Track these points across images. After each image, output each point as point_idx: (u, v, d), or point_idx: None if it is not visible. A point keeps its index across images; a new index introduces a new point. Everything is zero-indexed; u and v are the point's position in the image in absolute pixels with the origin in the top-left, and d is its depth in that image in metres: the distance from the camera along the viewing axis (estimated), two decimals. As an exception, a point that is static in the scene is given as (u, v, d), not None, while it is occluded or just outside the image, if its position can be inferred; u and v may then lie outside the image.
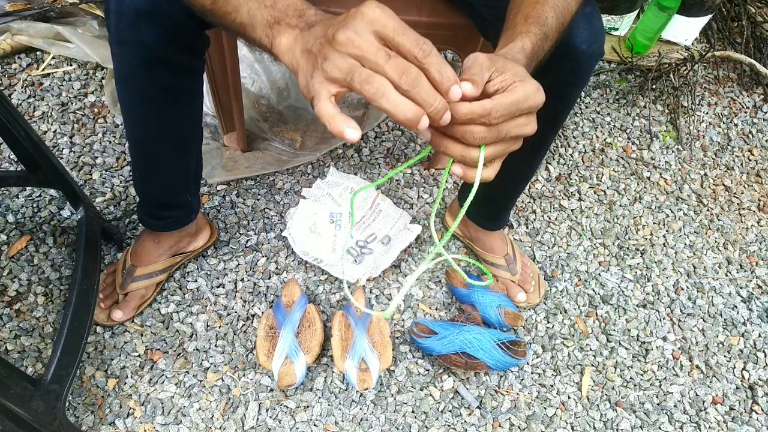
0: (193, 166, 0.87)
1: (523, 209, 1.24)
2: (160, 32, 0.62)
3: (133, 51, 0.64)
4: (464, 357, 0.93)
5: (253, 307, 1.01)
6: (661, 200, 1.31)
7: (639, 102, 1.50)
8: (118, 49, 0.65)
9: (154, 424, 0.88)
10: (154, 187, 0.87)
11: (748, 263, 1.24)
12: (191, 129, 0.82)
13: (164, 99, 0.71)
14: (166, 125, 0.76)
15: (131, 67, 0.66)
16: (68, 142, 1.16)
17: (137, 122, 0.75)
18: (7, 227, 1.03)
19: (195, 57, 0.70)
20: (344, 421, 0.92)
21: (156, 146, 0.79)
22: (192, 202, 0.93)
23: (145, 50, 0.64)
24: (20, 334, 0.93)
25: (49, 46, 1.24)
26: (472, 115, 0.43)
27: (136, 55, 0.65)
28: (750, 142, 1.47)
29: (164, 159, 0.81)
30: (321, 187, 1.17)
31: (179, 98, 0.73)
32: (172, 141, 0.79)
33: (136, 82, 0.68)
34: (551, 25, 0.56)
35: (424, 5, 0.85)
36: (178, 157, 0.83)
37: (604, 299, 1.13)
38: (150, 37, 0.62)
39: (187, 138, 0.82)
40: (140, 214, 0.92)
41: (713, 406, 1.03)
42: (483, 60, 0.46)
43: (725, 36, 1.66)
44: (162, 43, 0.63)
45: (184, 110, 0.76)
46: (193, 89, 0.75)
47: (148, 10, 0.60)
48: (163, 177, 0.85)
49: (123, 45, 0.64)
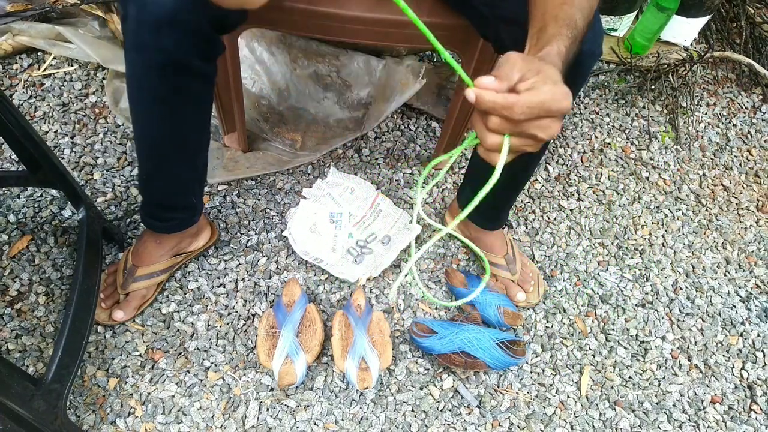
0: (200, 169, 0.88)
1: (523, 209, 1.24)
2: (180, 39, 0.63)
3: (152, 56, 0.65)
4: (464, 356, 0.93)
5: (254, 307, 1.02)
6: (659, 200, 1.32)
7: (638, 102, 1.50)
8: (135, 54, 0.66)
9: (155, 423, 0.89)
10: (159, 188, 0.88)
11: (746, 263, 1.24)
12: (201, 133, 0.83)
13: (176, 100, 0.72)
14: (177, 127, 0.77)
15: (146, 69, 0.67)
16: (69, 142, 1.17)
17: (149, 123, 0.76)
18: (8, 227, 1.04)
19: (210, 62, 0.71)
20: (344, 420, 0.92)
21: (165, 148, 0.80)
22: (196, 204, 0.94)
23: (163, 56, 0.65)
24: (21, 334, 0.93)
25: (50, 47, 1.24)
26: (494, 105, 0.46)
27: (154, 60, 0.66)
28: (749, 143, 1.48)
29: (172, 161, 0.82)
30: (321, 187, 1.18)
31: (191, 101, 0.74)
32: (182, 143, 0.80)
33: (150, 83, 0.69)
34: (580, 28, 0.56)
35: (422, 5, 0.86)
36: (186, 160, 0.84)
37: (603, 299, 1.13)
38: (169, 44, 0.63)
39: (196, 141, 0.83)
40: (143, 215, 0.92)
41: (712, 406, 1.03)
42: (516, 59, 0.47)
43: (724, 36, 1.66)
44: (181, 49, 0.65)
45: (195, 113, 0.78)
46: (206, 93, 0.77)
47: (170, 18, 0.61)
48: (169, 179, 0.85)
49: (141, 50, 0.65)
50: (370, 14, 0.84)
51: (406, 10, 0.45)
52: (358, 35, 0.89)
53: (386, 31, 0.86)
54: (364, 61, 1.28)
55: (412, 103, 1.33)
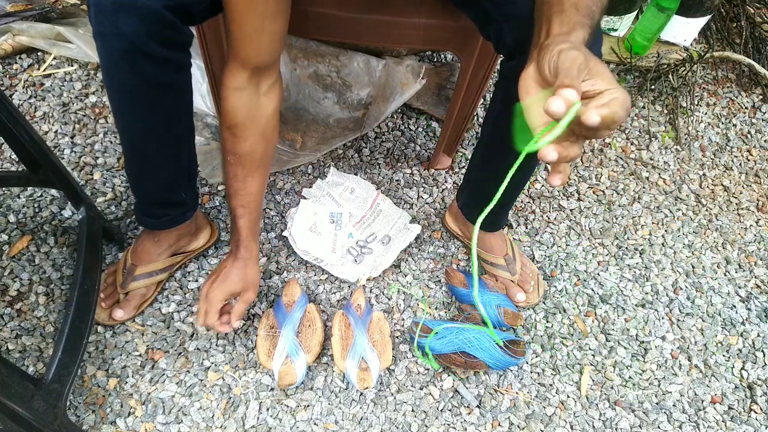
0: (185, 163, 0.86)
1: (523, 209, 1.24)
2: (139, 24, 0.63)
3: (113, 43, 0.64)
4: (464, 356, 0.93)
5: (254, 307, 1.02)
6: (659, 200, 1.32)
7: (638, 102, 1.50)
8: (99, 41, 0.66)
9: (155, 423, 0.89)
10: (146, 184, 0.87)
11: (746, 263, 1.24)
12: (182, 125, 0.81)
13: (149, 92, 0.71)
14: (155, 120, 0.75)
15: (113, 59, 0.67)
16: (69, 142, 1.17)
17: (125, 117, 0.75)
18: (8, 227, 1.04)
19: (178, 51, 0.70)
20: (344, 420, 0.92)
21: (145, 142, 0.78)
22: (187, 200, 0.92)
23: (125, 42, 0.64)
24: (21, 334, 0.93)
25: (50, 47, 1.24)
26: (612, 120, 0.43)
27: (116, 47, 0.65)
28: (749, 143, 1.48)
29: (154, 155, 0.81)
30: (321, 187, 1.18)
31: (166, 93, 0.73)
32: (162, 137, 0.79)
33: (120, 74, 0.68)
34: (596, 21, 0.54)
35: (423, 6, 0.86)
36: (169, 154, 0.82)
37: (603, 299, 1.13)
38: (128, 29, 0.62)
39: (178, 134, 0.81)
40: (137, 213, 0.92)
41: (712, 406, 1.03)
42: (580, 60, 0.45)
43: (724, 36, 1.66)
44: (141, 35, 0.63)
45: (172, 105, 0.76)
46: (181, 84, 0.75)
47: (127, 3, 0.61)
48: (154, 174, 0.84)
49: (104, 37, 0.65)
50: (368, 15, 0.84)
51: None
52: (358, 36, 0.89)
53: (386, 31, 0.86)
54: (364, 61, 1.28)
55: (412, 103, 1.33)
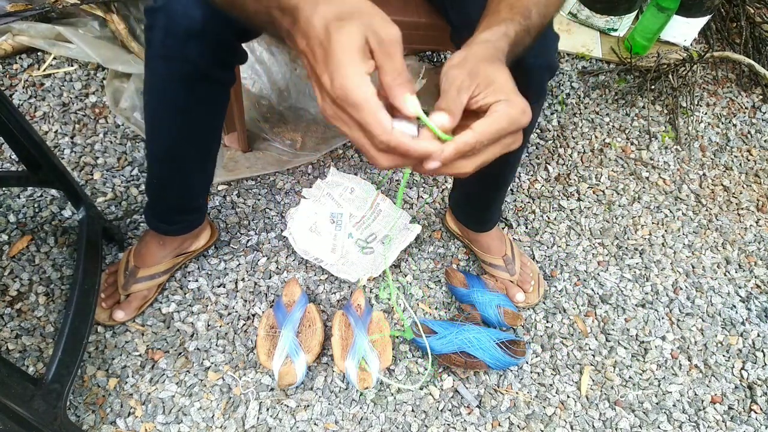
0: (209, 173, 0.89)
1: (523, 209, 1.24)
2: (207, 51, 0.64)
3: (177, 66, 0.66)
4: (464, 356, 0.93)
5: (254, 307, 1.02)
6: (659, 200, 1.32)
7: (638, 102, 1.50)
8: (162, 63, 0.67)
9: (155, 423, 0.89)
10: (172, 192, 0.88)
11: (746, 263, 1.24)
12: (214, 136, 0.83)
13: (197, 109, 0.73)
14: (194, 133, 0.78)
15: (173, 80, 0.68)
16: (69, 142, 1.17)
17: (167, 131, 0.77)
18: (8, 227, 1.04)
19: (230, 70, 0.72)
20: (344, 420, 0.92)
21: (182, 155, 0.81)
22: (202, 206, 0.95)
23: (190, 66, 0.65)
24: (21, 334, 0.93)
25: (50, 47, 1.24)
26: (457, 156, 0.44)
27: (180, 71, 0.66)
28: (749, 143, 1.48)
29: (187, 167, 0.83)
30: (321, 187, 1.18)
31: (210, 109, 0.75)
32: (197, 148, 0.81)
33: (174, 93, 0.70)
34: (534, 21, 0.55)
35: (423, 6, 0.86)
36: (200, 166, 0.85)
37: (603, 299, 1.13)
38: (195, 55, 0.64)
39: (210, 145, 0.84)
40: (150, 218, 0.92)
41: (712, 406, 1.03)
42: (462, 80, 0.45)
43: (724, 36, 1.66)
44: (208, 60, 0.65)
45: (212, 120, 0.78)
46: (223, 100, 0.77)
47: (199, 30, 0.62)
48: (183, 182, 0.86)
49: (168, 60, 0.66)
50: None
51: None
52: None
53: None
54: (364, 61, 1.28)
55: (412, 103, 1.33)
